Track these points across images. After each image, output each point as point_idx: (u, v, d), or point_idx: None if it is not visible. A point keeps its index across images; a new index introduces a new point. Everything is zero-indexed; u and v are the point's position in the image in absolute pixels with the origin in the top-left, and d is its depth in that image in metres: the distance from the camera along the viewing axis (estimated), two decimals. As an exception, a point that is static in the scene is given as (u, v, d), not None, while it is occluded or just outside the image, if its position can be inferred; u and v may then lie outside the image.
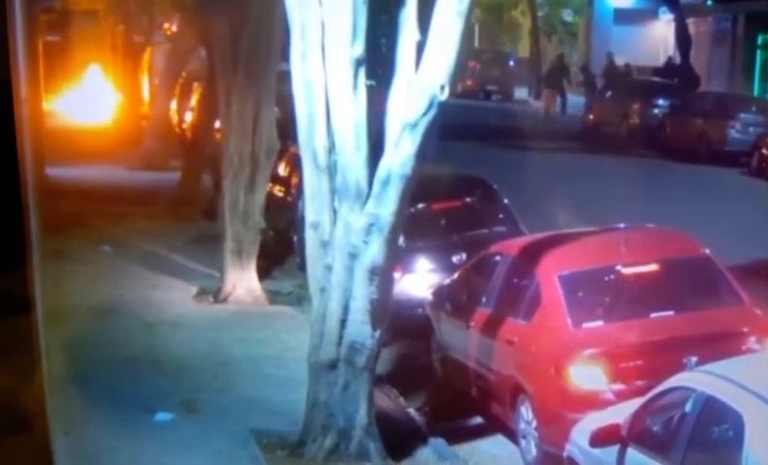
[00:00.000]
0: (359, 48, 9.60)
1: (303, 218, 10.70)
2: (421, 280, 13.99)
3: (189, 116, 30.38)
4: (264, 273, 16.59)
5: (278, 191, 18.97)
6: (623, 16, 53.13)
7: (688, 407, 7.75)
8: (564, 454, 9.32)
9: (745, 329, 10.45)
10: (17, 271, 5.04)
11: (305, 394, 10.19)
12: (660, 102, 34.66)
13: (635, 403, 8.60)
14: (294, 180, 17.92)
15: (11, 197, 4.98)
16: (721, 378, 7.69)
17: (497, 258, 12.09)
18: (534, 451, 10.45)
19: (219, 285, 16.01)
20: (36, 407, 5.19)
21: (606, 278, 11.03)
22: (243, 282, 15.89)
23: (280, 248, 18.22)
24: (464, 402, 11.99)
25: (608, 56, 43.68)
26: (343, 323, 9.89)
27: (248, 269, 15.98)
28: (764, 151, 27.38)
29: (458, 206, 15.10)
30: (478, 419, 11.87)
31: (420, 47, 9.57)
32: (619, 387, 9.90)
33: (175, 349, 13.39)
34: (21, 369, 5.09)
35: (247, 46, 15.60)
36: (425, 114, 9.40)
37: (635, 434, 8.23)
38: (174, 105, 32.24)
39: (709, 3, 44.39)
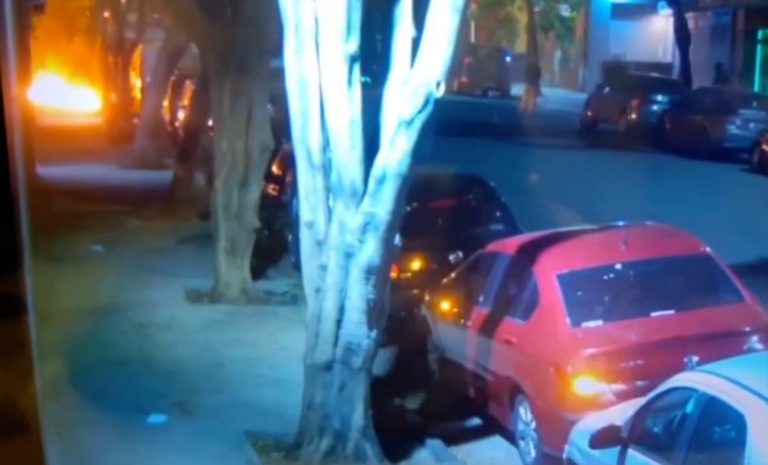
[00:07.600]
0: (353, 44, 9.50)
1: (297, 217, 10.60)
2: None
3: (181, 114, 30.39)
4: (258, 273, 16.49)
5: (272, 189, 18.86)
6: (621, 11, 53.16)
7: (689, 407, 7.68)
8: (564, 456, 9.22)
9: (746, 328, 10.34)
10: (9, 273, 4.97)
11: (301, 396, 10.11)
12: (660, 98, 34.57)
13: (635, 403, 8.51)
14: (288, 178, 17.81)
15: (1, 197, 4.89)
16: (723, 378, 7.60)
17: (495, 256, 11.98)
18: (533, 453, 10.36)
19: (213, 285, 15.89)
20: (29, 409, 5.11)
21: (605, 277, 10.93)
22: (237, 282, 15.79)
23: (275, 247, 18.11)
24: (462, 403, 11.89)
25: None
26: (339, 323, 9.80)
27: (242, 269, 15.87)
28: (765, 147, 27.23)
29: (454, 205, 15.00)
30: (476, 421, 11.78)
31: (415, 43, 9.46)
32: (619, 387, 9.78)
33: (168, 350, 13.29)
34: (14, 371, 5.03)
35: (240, 43, 15.49)
36: (421, 111, 9.28)
37: (635, 435, 8.14)
38: (166, 103, 32.24)
39: (708, -3, 44.41)
